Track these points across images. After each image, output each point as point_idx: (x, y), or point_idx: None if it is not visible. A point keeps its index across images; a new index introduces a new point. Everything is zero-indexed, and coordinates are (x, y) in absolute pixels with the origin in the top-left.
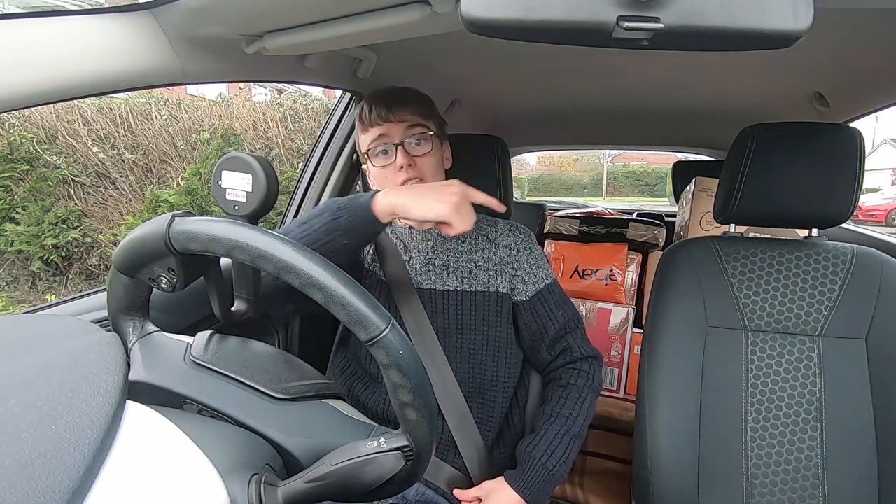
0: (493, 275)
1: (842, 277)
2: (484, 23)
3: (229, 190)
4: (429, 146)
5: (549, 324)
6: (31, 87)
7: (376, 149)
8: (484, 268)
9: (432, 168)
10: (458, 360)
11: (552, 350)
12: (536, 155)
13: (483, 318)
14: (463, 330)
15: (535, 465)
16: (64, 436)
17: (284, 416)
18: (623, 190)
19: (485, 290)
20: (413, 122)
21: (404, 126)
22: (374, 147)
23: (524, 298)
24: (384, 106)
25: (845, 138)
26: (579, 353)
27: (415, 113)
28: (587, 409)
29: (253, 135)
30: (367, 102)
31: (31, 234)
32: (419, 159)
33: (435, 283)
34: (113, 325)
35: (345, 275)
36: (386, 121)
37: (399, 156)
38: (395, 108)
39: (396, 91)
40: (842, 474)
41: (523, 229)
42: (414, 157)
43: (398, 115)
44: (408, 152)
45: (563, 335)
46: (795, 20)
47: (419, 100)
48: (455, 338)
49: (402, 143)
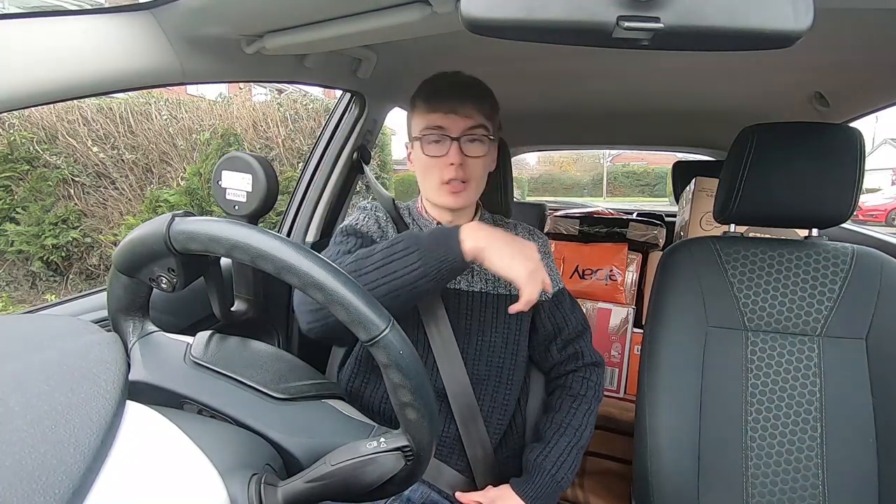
0: None
1: (842, 277)
2: (484, 23)
3: (229, 190)
4: (485, 149)
5: (565, 325)
6: (31, 87)
7: (430, 136)
8: None
9: (481, 171)
10: (475, 362)
11: (563, 351)
12: (536, 155)
13: (504, 320)
14: (484, 332)
15: (545, 475)
16: (64, 436)
17: (284, 416)
18: (623, 190)
19: (507, 293)
20: (477, 121)
21: (467, 122)
22: (429, 134)
23: (545, 298)
24: (456, 96)
25: (845, 138)
26: (589, 359)
27: (480, 110)
28: (593, 420)
29: (253, 135)
30: (433, 83)
31: (31, 234)
32: (471, 160)
33: (460, 283)
34: (113, 325)
35: (345, 275)
36: (452, 112)
37: (452, 152)
38: (463, 99)
39: (468, 81)
40: (842, 474)
41: (539, 233)
42: (467, 157)
43: (465, 110)
44: (462, 151)
45: (575, 338)
46: (795, 20)
47: (484, 95)
48: (476, 339)
49: (460, 139)
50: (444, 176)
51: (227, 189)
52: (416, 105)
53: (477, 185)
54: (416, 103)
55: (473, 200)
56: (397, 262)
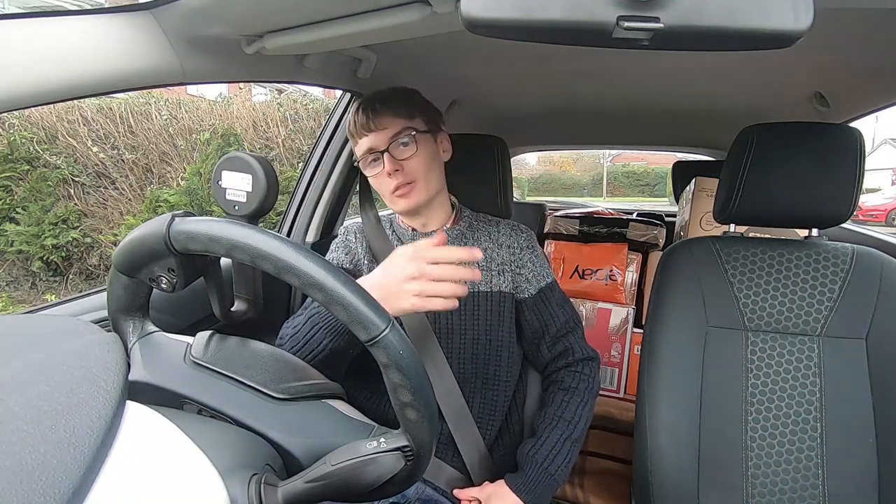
0: (496, 275)
1: (842, 277)
2: (484, 23)
3: (229, 190)
4: (414, 147)
5: (552, 322)
6: (31, 87)
7: (367, 159)
8: (486, 268)
9: (423, 168)
10: (460, 360)
11: (553, 349)
12: (536, 155)
13: (486, 317)
14: (466, 330)
15: (538, 469)
16: (64, 436)
17: (284, 416)
18: (623, 190)
19: (487, 290)
20: (396, 127)
21: (388, 132)
22: (365, 157)
23: (527, 296)
24: (365, 115)
25: (845, 138)
26: (580, 355)
27: (396, 116)
28: (588, 413)
29: (253, 135)
30: (352, 113)
31: (31, 234)
32: (406, 163)
33: None
34: (113, 325)
35: (345, 275)
36: (369, 130)
37: (386, 162)
38: (376, 115)
39: (378, 96)
40: (842, 474)
41: (524, 228)
42: (401, 162)
43: (379, 123)
44: (394, 157)
45: (565, 334)
46: (795, 20)
47: (399, 101)
48: (458, 337)
49: (388, 149)
50: (389, 186)
51: (227, 189)
52: (349, 137)
53: (425, 181)
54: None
55: (428, 197)
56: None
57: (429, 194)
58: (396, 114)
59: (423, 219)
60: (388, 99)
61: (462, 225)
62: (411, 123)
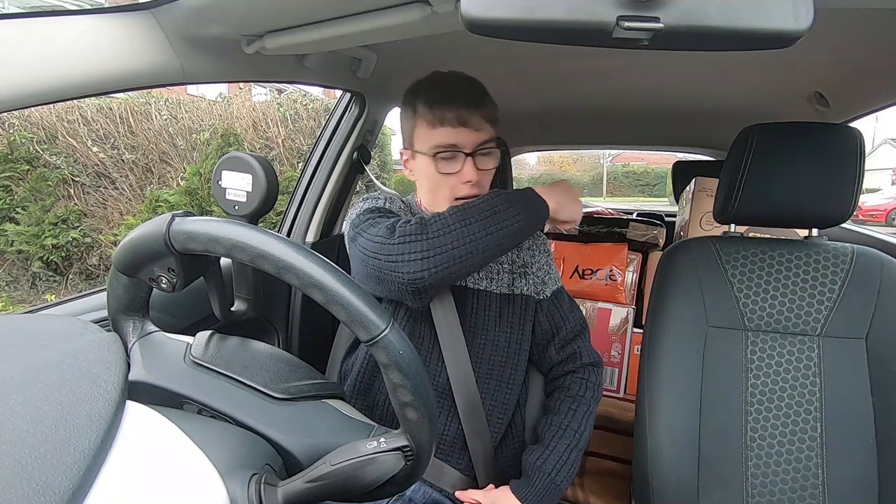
0: (518, 276)
1: (842, 277)
2: (484, 23)
3: (229, 190)
4: (495, 160)
5: (563, 325)
6: (31, 87)
7: (442, 152)
8: (509, 270)
9: (490, 181)
10: (478, 360)
11: (561, 352)
12: (536, 155)
13: (508, 320)
14: (488, 330)
15: (545, 479)
16: (64, 436)
17: (284, 416)
18: (623, 190)
19: (509, 292)
20: (488, 133)
21: (479, 136)
22: (440, 150)
23: (544, 297)
24: (464, 106)
25: (845, 138)
26: (587, 359)
27: (490, 121)
28: (592, 421)
29: (253, 135)
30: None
31: (31, 234)
32: (483, 174)
33: (466, 280)
34: (113, 325)
35: (345, 275)
36: (462, 125)
37: (468, 170)
38: (476, 112)
39: (473, 87)
40: (842, 474)
41: (538, 233)
42: (481, 171)
43: (476, 123)
44: (476, 166)
45: (574, 338)
46: (795, 20)
47: (490, 101)
48: (480, 337)
49: (474, 153)
50: (457, 192)
51: (227, 189)
52: (417, 111)
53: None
54: (419, 110)
55: None
56: (503, 214)
57: None
58: (490, 118)
59: None
60: (478, 93)
61: None
62: (495, 131)
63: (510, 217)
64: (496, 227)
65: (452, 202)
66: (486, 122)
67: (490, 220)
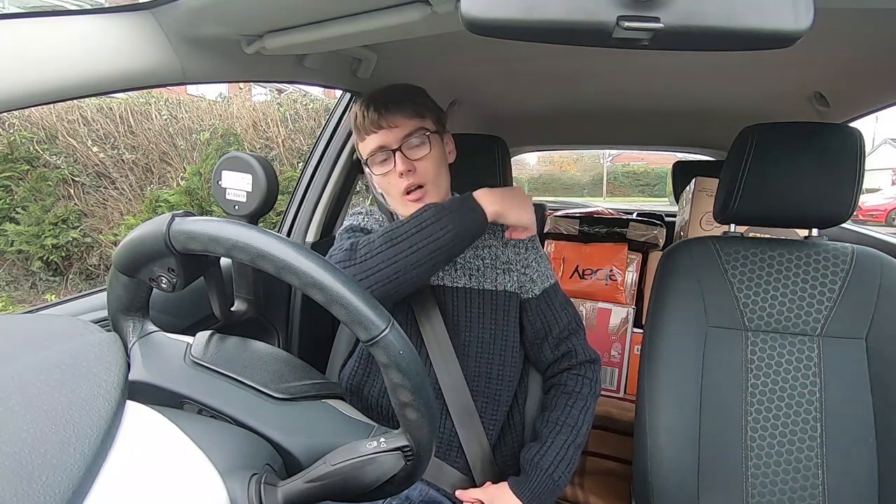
0: (501, 273)
1: (842, 277)
2: (484, 23)
3: (229, 190)
4: (427, 148)
5: (555, 323)
6: (31, 87)
7: (376, 157)
8: (492, 266)
9: (434, 169)
10: (465, 358)
11: (556, 350)
12: (536, 155)
13: (491, 316)
14: (472, 327)
15: (542, 475)
16: (64, 436)
17: (284, 416)
18: (623, 190)
19: (492, 288)
20: (409, 126)
21: (400, 131)
22: (375, 155)
23: (532, 296)
24: (377, 111)
25: (845, 138)
26: (583, 357)
27: (409, 115)
28: (590, 417)
29: (253, 135)
30: (359, 108)
31: (31, 234)
32: (419, 163)
33: (444, 279)
34: (113, 325)
35: (345, 274)
36: (380, 127)
37: (398, 162)
38: (388, 112)
39: (387, 92)
40: (842, 474)
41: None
42: (413, 162)
43: (391, 121)
44: (407, 157)
45: (568, 336)
46: (795, 20)
47: (412, 98)
48: (463, 335)
49: (400, 148)
50: (400, 187)
51: (227, 189)
52: (355, 133)
53: (436, 184)
54: (353, 131)
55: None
56: (431, 227)
57: (439, 197)
58: (409, 113)
59: None
60: (400, 96)
61: None
62: (423, 123)
63: (439, 230)
64: (425, 241)
65: (405, 199)
66: (405, 116)
67: (418, 235)
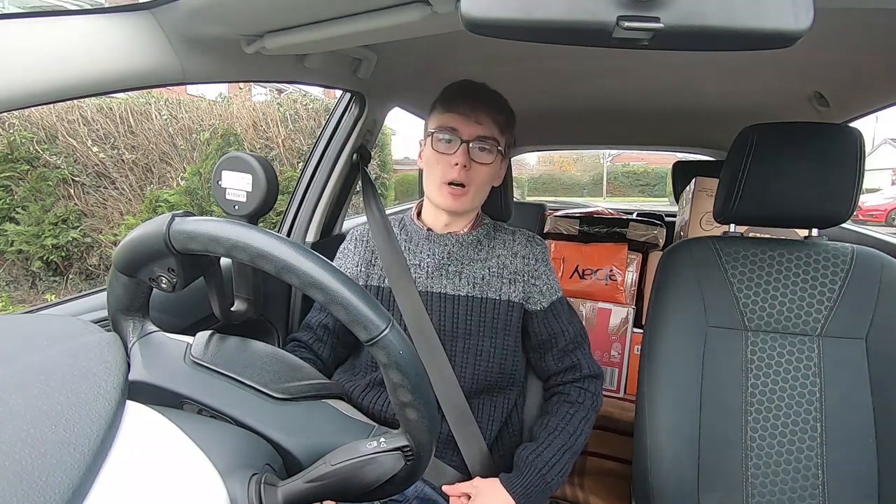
0: (507, 283)
1: (842, 277)
2: (484, 23)
3: (229, 190)
4: (492, 158)
5: (561, 335)
6: (31, 87)
7: (441, 134)
8: (498, 275)
9: (483, 179)
10: (463, 364)
11: (560, 362)
12: (536, 155)
13: (492, 325)
14: (471, 335)
15: (535, 474)
16: (64, 436)
17: (284, 416)
18: (623, 190)
19: (496, 297)
20: (489, 130)
21: (480, 129)
22: (441, 132)
23: (539, 308)
24: (472, 100)
25: (845, 138)
26: (587, 371)
27: (496, 123)
28: (588, 428)
29: (253, 135)
30: (456, 88)
31: (31, 234)
32: (477, 166)
33: (446, 287)
34: (113, 325)
35: (344, 275)
36: (466, 115)
37: (459, 153)
38: (483, 107)
39: (490, 92)
40: (842, 474)
41: (539, 240)
42: (473, 162)
43: (478, 116)
44: (469, 154)
45: (573, 349)
46: (795, 20)
47: (506, 113)
48: (462, 342)
49: (469, 142)
50: (446, 175)
51: (227, 189)
52: (435, 106)
53: (478, 192)
54: (436, 105)
55: (472, 207)
56: None
57: (472, 206)
58: (498, 121)
59: (447, 219)
60: (497, 100)
61: (479, 232)
62: (500, 138)
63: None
64: None
65: (443, 187)
66: (492, 122)
67: None
